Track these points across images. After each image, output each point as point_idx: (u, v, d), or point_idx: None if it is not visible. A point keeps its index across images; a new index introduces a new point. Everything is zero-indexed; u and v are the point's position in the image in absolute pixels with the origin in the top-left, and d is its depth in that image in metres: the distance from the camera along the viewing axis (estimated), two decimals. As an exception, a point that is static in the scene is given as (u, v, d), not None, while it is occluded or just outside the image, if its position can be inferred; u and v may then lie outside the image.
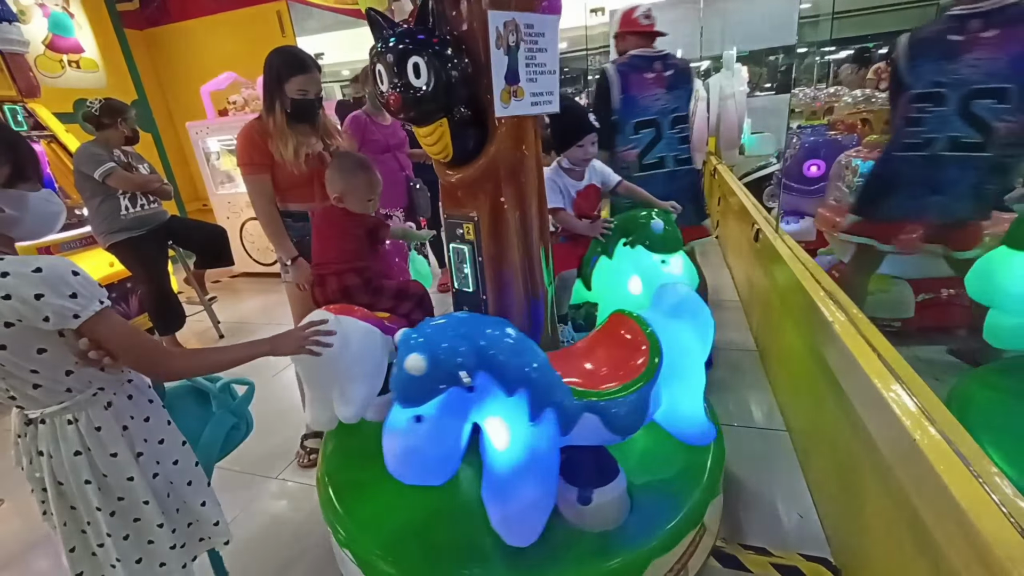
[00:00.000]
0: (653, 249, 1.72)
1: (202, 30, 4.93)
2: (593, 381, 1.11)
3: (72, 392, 0.92)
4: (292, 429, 2.07)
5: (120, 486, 0.97)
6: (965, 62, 1.62)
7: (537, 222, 1.32)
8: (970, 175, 1.67)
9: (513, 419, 1.00)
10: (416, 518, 1.26)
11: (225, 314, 3.63)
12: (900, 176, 1.86)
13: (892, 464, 1.03)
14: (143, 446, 1.00)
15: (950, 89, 1.65)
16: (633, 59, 2.17)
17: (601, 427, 1.07)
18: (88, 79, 4.53)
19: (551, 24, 1.13)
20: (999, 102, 1.58)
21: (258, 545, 1.61)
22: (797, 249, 2.07)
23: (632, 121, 2.15)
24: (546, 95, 1.17)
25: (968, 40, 1.61)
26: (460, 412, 0.98)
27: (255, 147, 1.68)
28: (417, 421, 0.95)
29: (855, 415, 1.23)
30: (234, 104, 4.36)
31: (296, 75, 1.64)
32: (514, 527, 1.08)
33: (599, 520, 1.18)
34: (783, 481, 1.67)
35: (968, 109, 1.63)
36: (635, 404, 1.09)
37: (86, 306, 0.86)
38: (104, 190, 2.64)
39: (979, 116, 1.61)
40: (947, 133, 1.68)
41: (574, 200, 1.88)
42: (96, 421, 0.95)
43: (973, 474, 0.84)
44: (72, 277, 0.86)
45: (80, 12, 4.48)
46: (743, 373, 2.34)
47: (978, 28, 1.60)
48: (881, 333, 1.33)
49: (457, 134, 1.18)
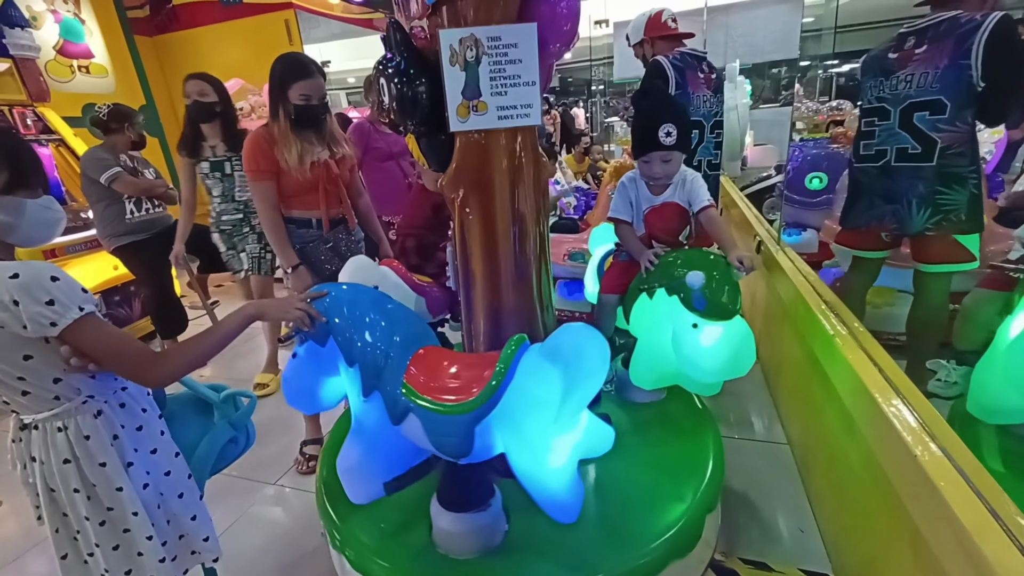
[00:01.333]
0: (687, 306, 1.37)
1: (211, 37, 4.99)
2: (437, 387, 1.05)
3: (61, 400, 0.92)
4: (292, 435, 2.07)
5: (108, 496, 0.96)
6: (901, 77, 1.73)
7: (512, 234, 1.24)
8: (918, 184, 1.75)
9: (351, 387, 1.17)
10: (415, 524, 1.25)
11: (227, 318, 3.63)
12: (860, 186, 1.96)
13: (893, 479, 1.03)
14: (134, 456, 0.99)
15: (891, 104, 1.77)
16: (684, 56, 2.09)
17: (424, 435, 1.07)
18: (97, 84, 4.58)
19: (525, 34, 1.08)
20: (932, 113, 1.67)
21: (256, 552, 1.61)
22: (799, 261, 2.07)
23: None
24: (521, 108, 1.13)
25: (904, 56, 1.74)
26: (317, 361, 1.17)
27: (261, 153, 1.70)
28: (293, 357, 1.19)
29: (856, 429, 1.22)
30: (241, 111, 4.39)
31: (299, 80, 1.65)
32: (344, 482, 1.25)
33: (449, 546, 1.16)
34: (784, 494, 1.66)
35: (909, 121, 1.72)
36: (450, 425, 1.02)
37: (64, 313, 0.84)
38: (110, 194, 2.66)
39: (919, 128, 1.70)
40: (894, 145, 1.79)
41: (645, 215, 1.65)
42: (85, 430, 0.93)
43: (974, 491, 0.84)
44: (51, 283, 0.84)
45: (91, 18, 4.54)
46: (744, 385, 2.32)
47: (913, 45, 1.72)
48: (883, 347, 1.33)
49: (426, 145, 1.27)
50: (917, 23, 1.73)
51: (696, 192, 1.58)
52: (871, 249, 2.01)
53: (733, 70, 4.39)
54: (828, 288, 1.78)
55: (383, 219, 2.54)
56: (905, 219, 1.80)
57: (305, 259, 1.79)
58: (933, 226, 1.76)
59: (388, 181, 2.82)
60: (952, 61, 1.61)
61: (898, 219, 1.82)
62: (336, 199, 1.84)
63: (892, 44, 1.80)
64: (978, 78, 1.57)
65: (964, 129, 1.65)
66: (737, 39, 5.33)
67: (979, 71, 1.56)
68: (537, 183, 1.26)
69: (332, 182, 1.80)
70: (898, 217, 1.82)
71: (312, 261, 1.82)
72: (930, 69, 1.66)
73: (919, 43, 1.70)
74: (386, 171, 2.80)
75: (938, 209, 1.73)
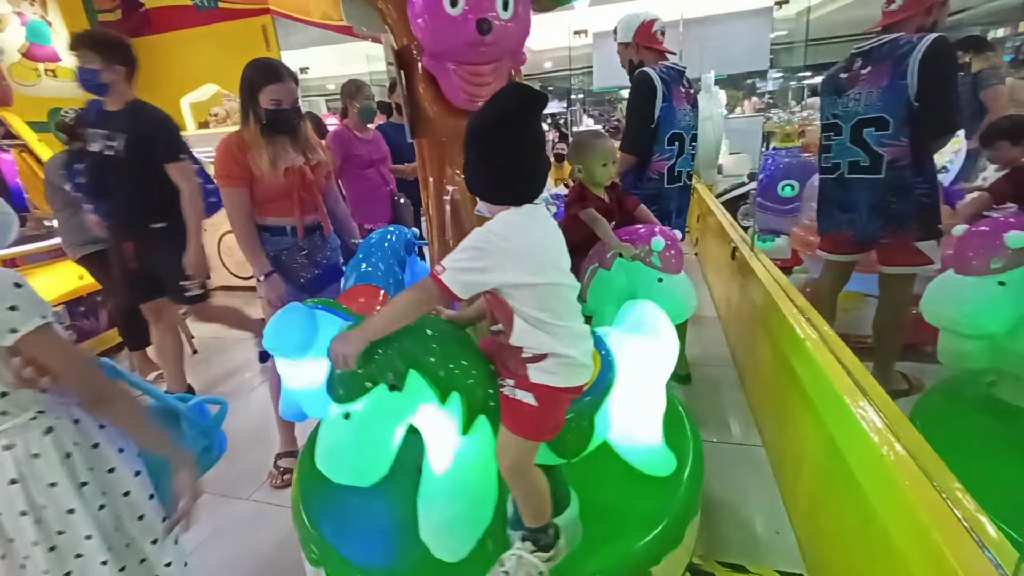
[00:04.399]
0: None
1: (185, 42, 4.89)
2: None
3: (8, 415, 0.86)
4: (265, 448, 2.01)
5: (59, 519, 0.90)
6: (851, 96, 1.86)
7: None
8: (868, 195, 1.87)
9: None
10: (394, 536, 1.22)
11: (199, 329, 3.53)
12: (824, 195, 2.11)
13: (861, 479, 1.05)
14: (88, 475, 0.93)
15: (843, 120, 1.89)
16: (669, 70, 2.09)
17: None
18: (64, 88, 4.45)
19: None
20: (878, 129, 1.79)
21: (229, 570, 1.55)
22: (772, 267, 2.12)
23: (669, 131, 2.07)
24: None
25: (853, 76, 1.86)
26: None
27: (233, 159, 1.67)
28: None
29: (826, 431, 1.25)
30: (215, 116, 4.32)
31: (268, 85, 1.63)
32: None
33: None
34: (760, 497, 1.68)
35: (859, 137, 1.85)
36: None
37: (25, 320, 0.81)
38: (75, 202, 2.58)
39: (867, 143, 1.83)
40: (847, 158, 1.91)
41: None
42: (33, 448, 0.88)
43: (936, 489, 0.86)
44: (14, 289, 0.81)
45: (59, 20, 4.43)
46: (721, 389, 2.36)
47: (860, 65, 1.84)
48: (851, 349, 1.37)
49: None
50: (865, 45, 1.85)
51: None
52: (840, 253, 2.09)
53: (708, 80, 4.50)
54: (799, 293, 1.83)
55: (364, 227, 2.52)
56: (861, 227, 1.92)
57: (280, 267, 1.76)
58: (888, 234, 1.87)
59: (369, 189, 2.79)
60: (892, 80, 1.72)
61: (855, 227, 1.95)
62: (311, 206, 1.81)
63: (844, 64, 1.91)
64: (914, 95, 1.68)
65: (907, 144, 1.75)
66: (712, 51, 5.47)
67: (914, 88, 1.67)
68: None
69: (307, 188, 1.77)
70: (855, 225, 1.94)
71: (287, 269, 1.78)
72: (874, 88, 1.78)
73: (865, 64, 1.83)
74: (367, 179, 2.78)
75: (890, 218, 1.84)
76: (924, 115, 1.70)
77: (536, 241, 0.92)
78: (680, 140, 2.12)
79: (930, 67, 1.64)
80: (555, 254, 0.95)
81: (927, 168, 1.79)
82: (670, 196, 2.14)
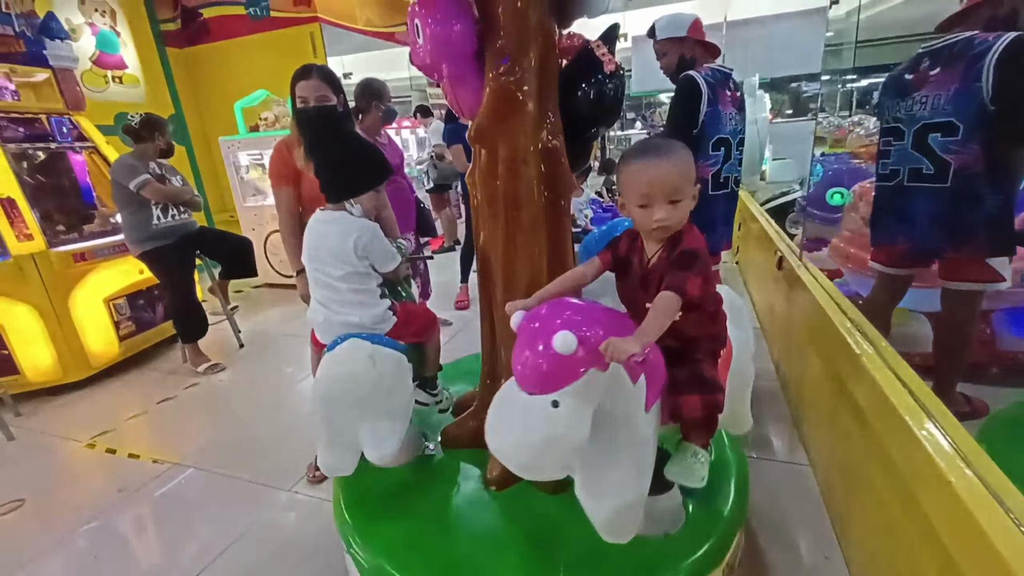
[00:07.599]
0: None
1: (239, 50, 5.14)
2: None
3: None
4: (309, 442, 2.06)
5: None
6: (916, 99, 1.74)
7: None
8: (931, 205, 1.75)
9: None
10: (432, 531, 1.23)
11: (246, 324, 3.69)
12: (881, 204, 1.98)
13: (925, 506, 0.99)
14: None
15: (906, 124, 1.78)
16: (714, 72, 2.03)
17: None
18: (129, 94, 4.75)
19: None
20: (945, 135, 1.66)
21: (269, 559, 1.61)
22: (822, 278, 2.03)
23: (714, 137, 2.01)
24: None
25: (919, 77, 1.75)
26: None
27: (281, 159, 1.75)
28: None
29: (885, 453, 1.18)
30: (265, 120, 4.51)
31: (298, 82, 1.72)
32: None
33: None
34: (806, 519, 1.61)
35: (923, 143, 1.72)
36: None
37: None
38: (138, 200, 2.74)
39: (932, 149, 1.70)
40: (907, 166, 1.80)
41: None
42: None
43: (1012, 519, 0.80)
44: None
45: (126, 31, 4.73)
46: (763, 403, 2.27)
47: (928, 66, 1.73)
48: (912, 368, 1.29)
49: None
50: (933, 44, 1.73)
51: None
52: (897, 266, 1.98)
53: (752, 84, 4.38)
54: (852, 305, 1.74)
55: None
56: (921, 239, 1.79)
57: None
58: (952, 247, 1.73)
59: (393, 195, 2.82)
60: (964, 82, 1.60)
61: (915, 238, 1.82)
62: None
63: (909, 65, 1.80)
64: (989, 99, 1.55)
65: (978, 151, 1.62)
66: (757, 53, 5.32)
67: (990, 92, 1.55)
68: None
69: None
70: (914, 236, 1.81)
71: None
72: (943, 91, 1.66)
73: (934, 64, 1.70)
74: (391, 184, 2.81)
75: (956, 230, 1.71)
76: (1001, 121, 1.57)
77: None
78: (726, 145, 2.05)
79: (1009, 69, 1.52)
80: None
81: (1001, 178, 1.65)
82: (715, 203, 2.08)
